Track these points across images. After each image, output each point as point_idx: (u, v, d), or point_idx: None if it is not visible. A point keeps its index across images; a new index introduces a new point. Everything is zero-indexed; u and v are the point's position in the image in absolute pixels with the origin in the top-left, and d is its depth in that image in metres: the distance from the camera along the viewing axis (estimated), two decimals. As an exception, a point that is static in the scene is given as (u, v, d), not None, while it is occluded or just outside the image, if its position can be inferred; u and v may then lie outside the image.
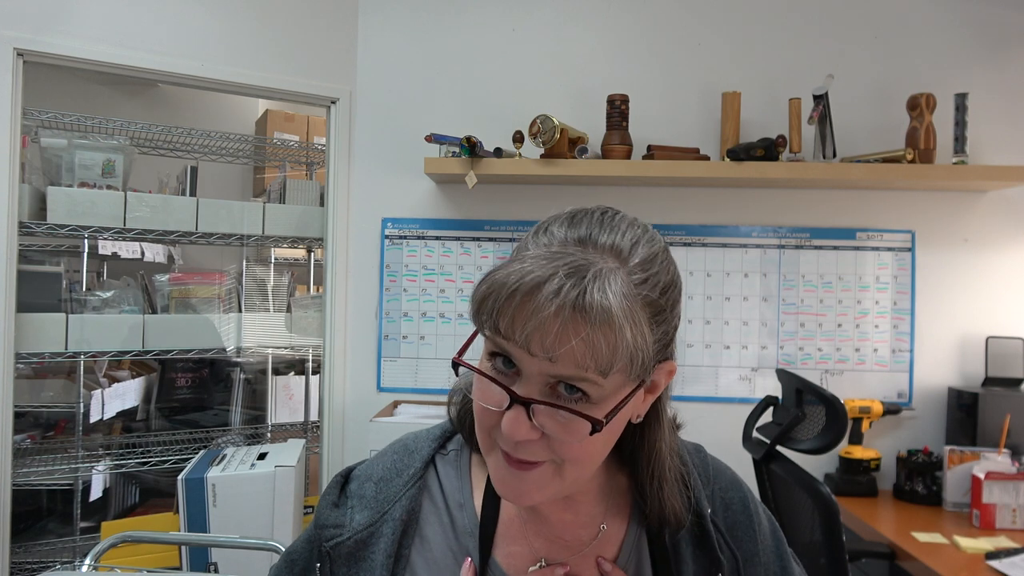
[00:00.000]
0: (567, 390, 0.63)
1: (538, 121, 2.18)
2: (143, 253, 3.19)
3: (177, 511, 1.97)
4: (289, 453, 2.12)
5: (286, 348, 2.81)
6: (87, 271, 2.69)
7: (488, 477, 0.77)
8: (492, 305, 0.62)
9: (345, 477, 0.81)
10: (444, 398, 0.83)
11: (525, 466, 0.66)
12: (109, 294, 2.49)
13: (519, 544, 0.75)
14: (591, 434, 0.63)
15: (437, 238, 2.49)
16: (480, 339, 0.69)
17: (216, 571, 1.86)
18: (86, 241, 2.62)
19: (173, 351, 2.50)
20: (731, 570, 0.75)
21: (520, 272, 0.62)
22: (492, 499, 0.77)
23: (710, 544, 0.74)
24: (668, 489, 0.74)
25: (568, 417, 0.63)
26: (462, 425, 0.80)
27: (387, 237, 2.51)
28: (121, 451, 2.70)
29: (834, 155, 2.28)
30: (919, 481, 2.20)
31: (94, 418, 2.65)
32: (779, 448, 1.75)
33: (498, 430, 0.66)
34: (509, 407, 0.63)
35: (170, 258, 3.48)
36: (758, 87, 2.40)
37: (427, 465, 0.79)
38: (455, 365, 0.68)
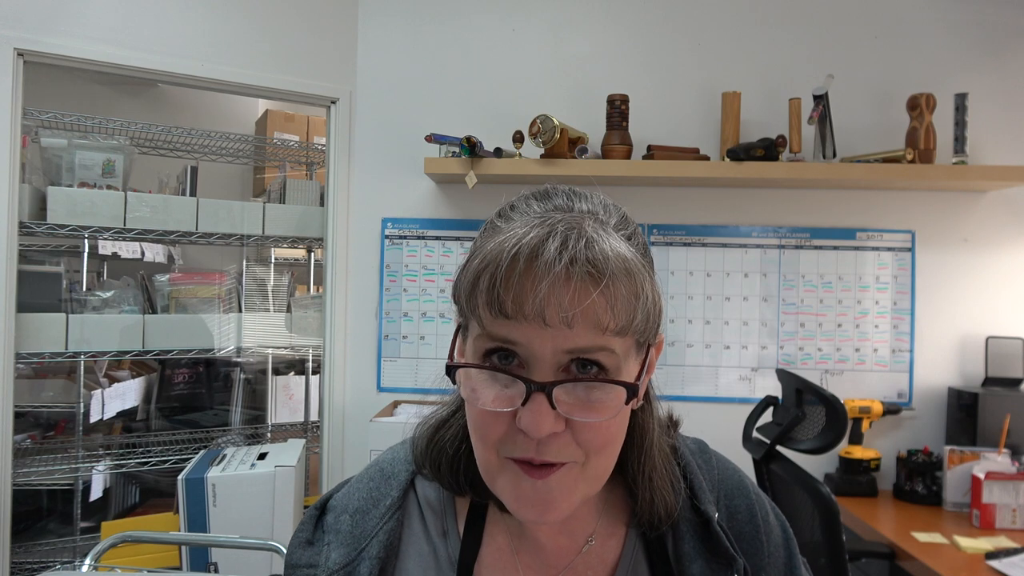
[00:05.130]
0: (580, 369, 0.58)
1: (538, 121, 2.18)
2: (143, 253, 3.19)
3: (177, 511, 1.97)
4: (289, 453, 2.12)
5: (286, 348, 2.81)
6: (87, 271, 2.70)
7: (471, 503, 0.72)
8: (491, 280, 0.57)
9: (320, 509, 0.74)
10: (445, 398, 0.77)
11: (546, 471, 0.59)
12: (109, 294, 2.49)
13: None
14: (627, 402, 0.59)
15: (437, 238, 2.49)
16: (464, 343, 0.65)
17: (216, 571, 1.86)
18: (86, 241, 2.62)
19: (173, 351, 2.49)
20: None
21: (513, 237, 0.58)
22: (476, 525, 0.71)
23: (720, 545, 0.68)
24: (658, 478, 0.69)
25: (596, 393, 0.58)
26: (437, 467, 0.71)
27: (387, 237, 2.51)
28: (121, 451, 2.70)
29: (834, 155, 2.28)
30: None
31: (94, 418, 2.65)
32: (779, 448, 1.75)
33: (509, 441, 0.60)
34: (526, 401, 0.57)
35: (170, 258, 3.48)
36: (758, 87, 2.40)
37: (405, 491, 0.73)
38: (451, 371, 0.62)
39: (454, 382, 0.63)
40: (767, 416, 1.90)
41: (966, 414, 2.25)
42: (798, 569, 0.74)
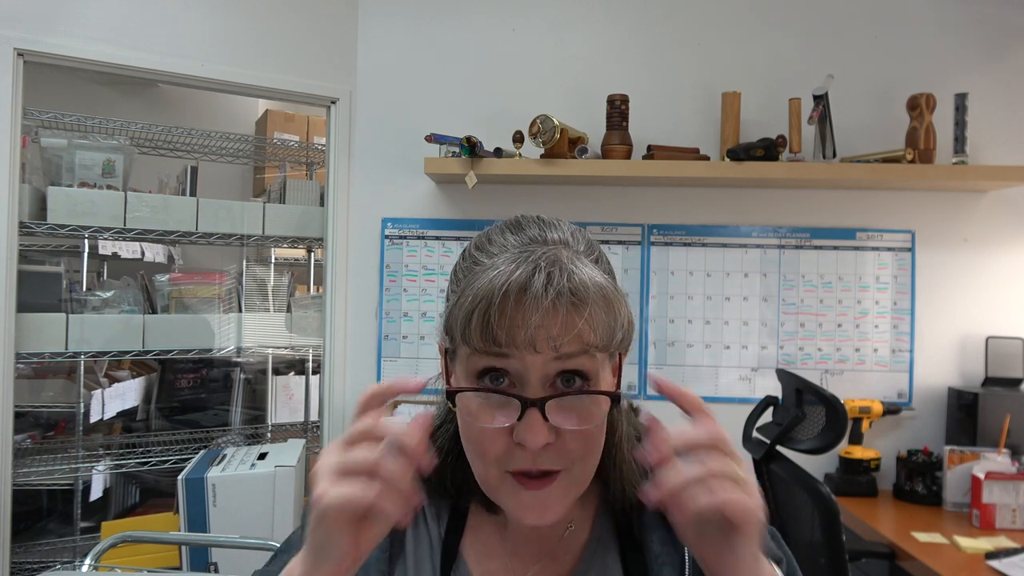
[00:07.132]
0: (565, 383, 0.64)
1: (538, 121, 2.18)
2: (143, 253, 3.20)
3: (177, 511, 1.98)
4: (289, 453, 2.12)
5: (286, 348, 2.81)
6: (87, 271, 2.70)
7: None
8: (484, 317, 0.62)
9: None
10: (435, 398, 0.82)
11: (542, 482, 0.64)
12: (109, 294, 2.49)
13: (496, 561, 0.75)
14: (611, 408, 0.65)
15: (437, 238, 2.49)
16: (454, 364, 0.70)
17: (216, 571, 1.86)
18: (86, 241, 2.62)
19: (173, 351, 2.49)
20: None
21: (500, 275, 0.63)
22: (462, 514, 0.77)
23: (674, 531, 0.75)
24: (627, 470, 0.75)
25: (583, 403, 0.64)
26: (441, 478, 0.76)
27: (387, 237, 2.51)
28: (121, 451, 2.70)
29: (834, 155, 2.28)
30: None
31: (94, 418, 2.65)
32: (779, 448, 1.75)
33: (508, 456, 0.64)
34: (521, 416, 0.62)
35: (170, 258, 3.48)
36: (758, 87, 2.40)
37: None
38: (452, 396, 0.66)
39: (454, 405, 0.67)
40: (767, 416, 1.90)
41: (966, 414, 2.25)
42: None
